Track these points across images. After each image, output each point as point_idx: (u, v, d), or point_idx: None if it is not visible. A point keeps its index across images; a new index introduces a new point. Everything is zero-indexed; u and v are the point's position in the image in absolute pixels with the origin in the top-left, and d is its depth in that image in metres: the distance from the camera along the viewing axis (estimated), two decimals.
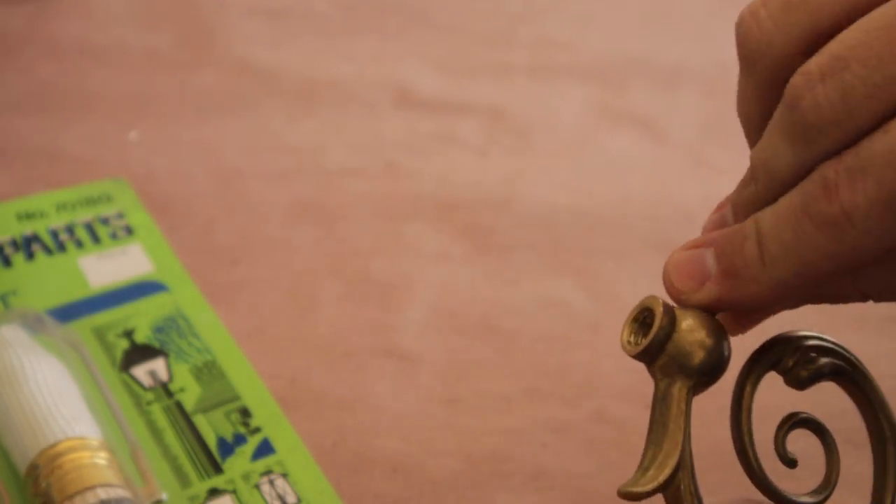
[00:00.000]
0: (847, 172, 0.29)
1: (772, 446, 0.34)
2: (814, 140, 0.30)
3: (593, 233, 0.59)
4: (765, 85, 0.32)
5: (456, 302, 0.55)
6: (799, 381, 0.34)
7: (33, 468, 0.42)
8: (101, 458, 0.42)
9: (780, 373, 0.34)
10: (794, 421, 0.34)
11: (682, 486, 0.31)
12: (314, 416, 0.48)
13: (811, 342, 0.34)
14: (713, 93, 0.70)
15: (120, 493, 0.41)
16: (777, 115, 0.31)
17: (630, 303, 0.34)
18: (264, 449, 0.46)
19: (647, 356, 0.32)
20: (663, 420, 0.32)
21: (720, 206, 0.36)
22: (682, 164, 0.65)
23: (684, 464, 0.31)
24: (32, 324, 0.49)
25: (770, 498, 0.34)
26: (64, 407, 0.44)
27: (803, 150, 0.30)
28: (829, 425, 0.35)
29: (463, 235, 0.59)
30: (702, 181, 0.63)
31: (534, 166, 0.64)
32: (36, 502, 0.41)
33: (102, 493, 0.41)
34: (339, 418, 0.48)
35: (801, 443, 0.35)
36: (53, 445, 0.42)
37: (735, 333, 0.34)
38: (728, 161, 0.64)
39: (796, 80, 0.30)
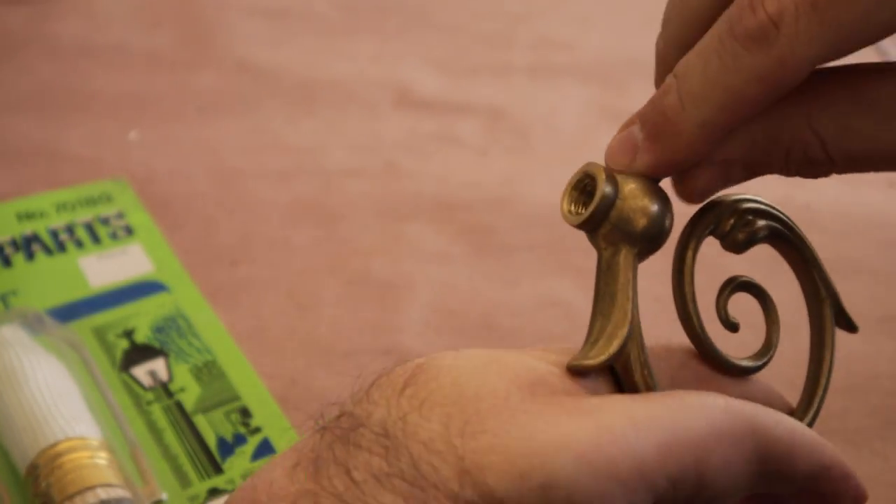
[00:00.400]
0: None
1: (713, 311, 0.33)
2: None
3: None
4: None
5: (456, 302, 0.55)
6: (736, 244, 0.33)
7: (33, 468, 0.42)
8: (101, 458, 0.42)
9: (717, 237, 0.33)
10: (733, 284, 0.33)
11: (631, 357, 0.30)
12: (314, 416, 0.48)
13: (748, 205, 0.33)
14: None
15: (120, 493, 0.41)
16: None
17: None
18: (264, 449, 0.46)
19: (590, 224, 0.31)
20: (610, 290, 0.31)
21: (628, 123, 0.33)
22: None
23: (633, 334, 0.30)
24: (32, 324, 0.49)
25: (713, 363, 0.33)
26: (64, 407, 0.44)
27: None
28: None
29: (463, 235, 0.59)
30: None
31: (534, 166, 0.64)
32: (36, 502, 0.41)
33: (102, 493, 0.41)
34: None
35: (743, 306, 0.34)
36: (53, 445, 0.42)
37: (690, 202, 0.33)
38: None
39: None
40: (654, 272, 0.34)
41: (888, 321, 0.54)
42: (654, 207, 0.31)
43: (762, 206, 0.33)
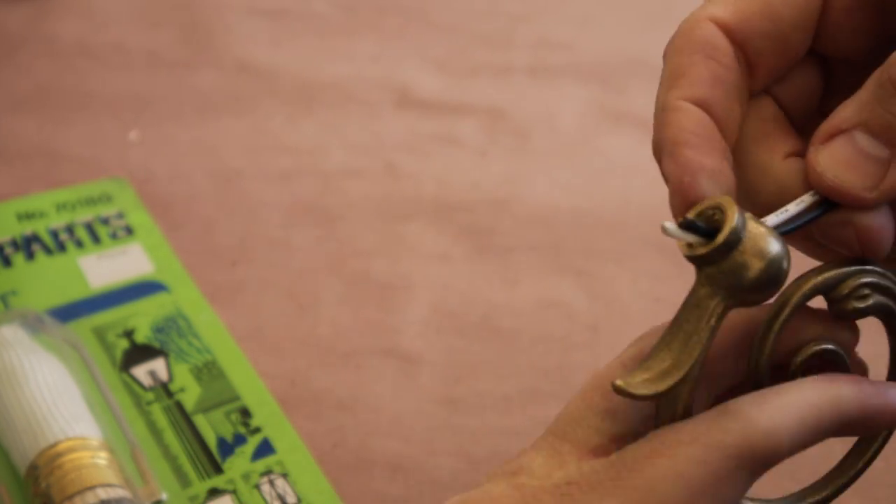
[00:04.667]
0: None
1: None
2: None
3: (593, 234, 0.59)
4: None
5: (456, 302, 0.55)
6: (843, 314, 0.31)
7: (33, 468, 0.42)
8: (101, 458, 0.42)
9: (828, 299, 0.31)
10: (810, 353, 0.31)
11: (678, 396, 0.29)
12: (314, 416, 0.48)
13: (871, 277, 0.30)
14: None
15: (120, 493, 0.41)
16: None
17: (630, 303, 0.34)
18: (264, 449, 0.46)
19: (702, 261, 0.29)
20: (687, 328, 0.29)
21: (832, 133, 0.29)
22: None
23: (689, 379, 0.29)
24: (32, 324, 0.49)
25: None
26: (64, 407, 0.44)
27: None
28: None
29: (463, 236, 0.59)
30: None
31: (534, 167, 0.64)
32: (36, 502, 0.41)
33: (102, 493, 0.41)
34: (339, 418, 0.48)
35: None
36: (53, 445, 0.42)
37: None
38: None
39: None
40: (657, 274, 0.34)
41: None
42: (772, 257, 0.28)
43: (886, 282, 0.31)
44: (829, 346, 0.32)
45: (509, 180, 0.63)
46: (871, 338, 0.35)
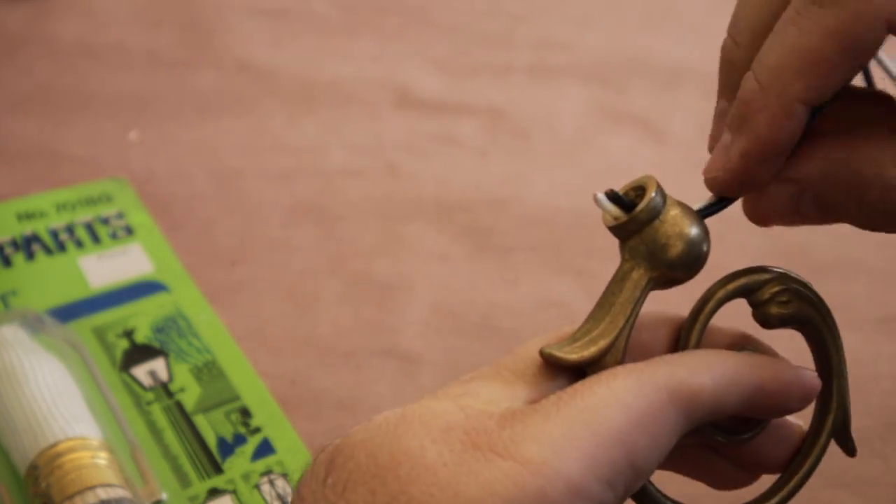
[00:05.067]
0: None
1: None
2: None
3: (593, 234, 0.59)
4: None
5: (456, 302, 0.55)
6: (766, 317, 0.32)
7: (33, 468, 0.42)
8: (101, 458, 0.42)
9: (750, 303, 0.33)
10: (733, 342, 0.33)
11: (605, 366, 0.30)
12: (314, 416, 0.48)
13: (793, 284, 0.32)
14: (713, 93, 0.70)
15: (120, 493, 0.41)
16: None
17: None
18: (264, 449, 0.46)
19: (623, 231, 0.31)
20: (611, 300, 0.31)
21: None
22: (682, 165, 0.65)
23: (616, 348, 0.30)
24: (32, 324, 0.49)
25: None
26: (64, 407, 0.44)
27: None
28: None
29: (463, 236, 0.59)
30: (702, 182, 0.62)
31: (534, 167, 0.64)
32: (36, 502, 0.41)
33: (102, 493, 0.41)
34: (339, 418, 0.48)
35: None
36: (53, 445, 0.42)
37: (758, 223, 0.32)
38: None
39: None
40: None
41: (888, 321, 0.54)
42: (692, 237, 0.31)
43: (806, 292, 0.33)
44: (752, 340, 0.33)
45: (509, 180, 0.63)
46: (870, 338, 0.36)
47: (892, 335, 0.53)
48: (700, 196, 0.33)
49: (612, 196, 0.31)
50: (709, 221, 0.32)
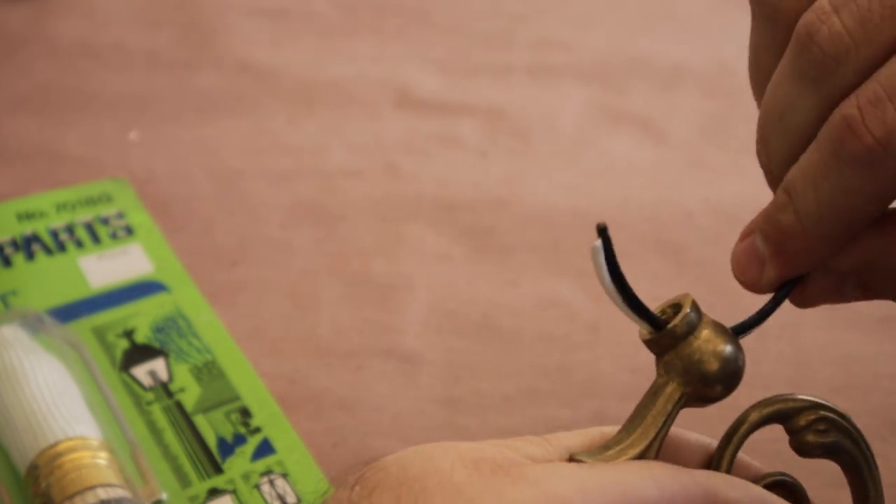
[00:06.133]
0: (870, 104, 0.28)
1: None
2: (832, 73, 0.28)
3: (593, 234, 0.59)
4: (781, 33, 0.31)
5: (456, 302, 0.55)
6: (803, 446, 0.33)
7: (33, 468, 0.42)
8: (101, 458, 0.42)
9: (787, 430, 0.33)
10: (773, 481, 0.33)
11: None
12: (314, 416, 0.48)
13: (829, 413, 0.33)
14: (713, 93, 0.70)
15: (120, 493, 0.41)
16: (786, 59, 0.30)
17: None
18: (264, 449, 0.46)
19: (658, 346, 0.31)
20: (644, 413, 0.31)
21: (745, 234, 0.34)
22: (682, 165, 0.65)
23: (645, 457, 0.30)
24: (32, 324, 0.49)
25: None
26: (64, 407, 0.44)
27: (821, 87, 0.29)
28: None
29: (463, 236, 0.59)
30: (702, 182, 0.63)
31: (534, 167, 0.64)
32: (36, 502, 0.41)
33: (102, 493, 0.41)
34: (339, 418, 0.48)
35: None
36: (53, 445, 0.42)
37: (799, 305, 0.33)
38: (728, 162, 0.64)
39: (808, 16, 0.29)
40: (657, 274, 0.34)
41: (888, 321, 0.54)
42: (726, 354, 0.31)
43: (844, 423, 0.33)
44: (789, 479, 0.33)
45: (509, 180, 0.63)
46: (870, 338, 0.36)
47: (892, 335, 0.53)
48: (700, 195, 0.33)
49: (643, 312, 0.32)
50: None
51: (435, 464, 0.28)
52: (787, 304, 0.35)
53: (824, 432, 0.33)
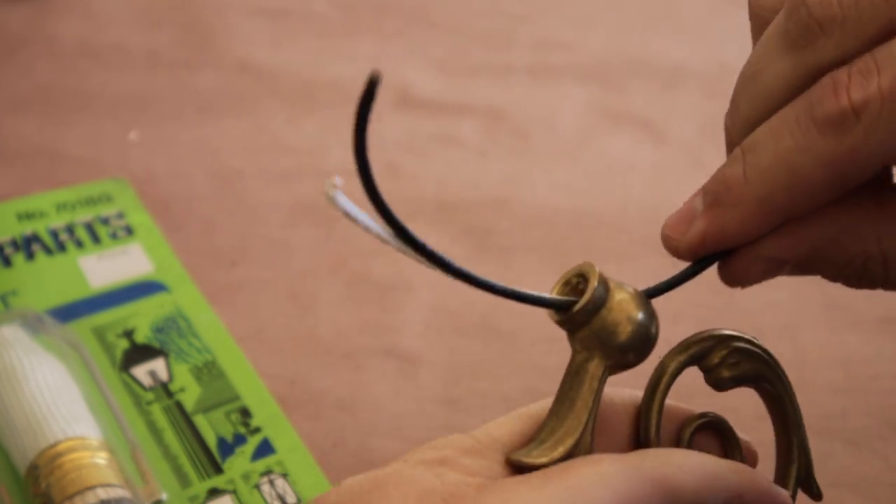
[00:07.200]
0: (859, 73, 0.27)
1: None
2: (813, 40, 0.28)
3: (593, 234, 0.59)
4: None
5: (456, 302, 0.55)
6: (719, 381, 0.32)
7: (33, 468, 0.42)
8: (101, 458, 0.42)
9: (701, 368, 0.33)
10: (698, 423, 0.33)
11: None
12: (314, 416, 0.48)
13: (740, 343, 0.32)
14: (713, 93, 0.70)
15: (120, 493, 0.41)
16: (775, 22, 0.30)
17: None
18: (264, 449, 0.46)
19: (571, 325, 0.30)
20: (571, 395, 0.30)
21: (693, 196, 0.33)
22: (682, 165, 0.65)
23: (583, 444, 0.30)
24: (32, 324, 0.49)
25: None
26: (64, 407, 0.44)
27: (799, 53, 0.29)
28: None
29: (463, 236, 0.59)
30: (702, 182, 0.62)
31: (534, 167, 0.64)
32: (36, 502, 0.41)
33: (102, 493, 0.41)
34: (339, 418, 0.48)
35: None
36: (53, 445, 0.42)
37: (731, 286, 0.32)
38: None
39: None
40: (657, 275, 0.34)
41: (888, 321, 0.54)
42: (640, 319, 0.30)
43: (755, 349, 0.33)
44: (716, 416, 0.33)
45: (509, 180, 0.63)
46: (870, 338, 0.36)
47: (892, 335, 0.53)
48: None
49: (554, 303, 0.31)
50: None
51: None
52: (787, 306, 0.35)
53: (736, 364, 0.32)
